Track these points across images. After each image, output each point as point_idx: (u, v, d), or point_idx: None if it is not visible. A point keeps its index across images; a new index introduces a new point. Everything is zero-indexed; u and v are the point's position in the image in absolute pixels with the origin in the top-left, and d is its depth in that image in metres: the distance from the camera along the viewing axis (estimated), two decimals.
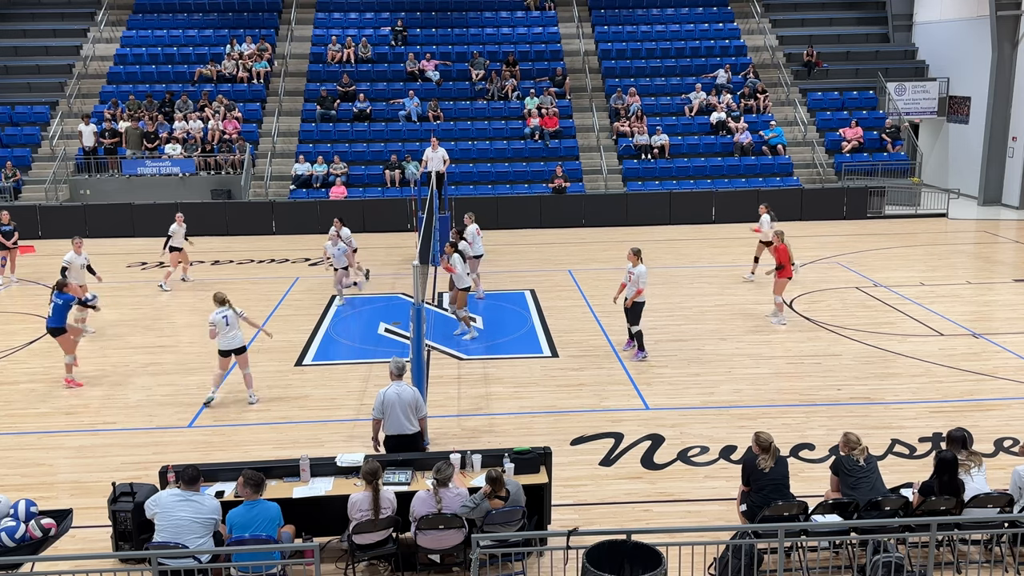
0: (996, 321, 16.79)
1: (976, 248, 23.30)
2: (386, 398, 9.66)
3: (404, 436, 9.71)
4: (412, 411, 9.71)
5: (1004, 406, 12.61)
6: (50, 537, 8.23)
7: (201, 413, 12.65)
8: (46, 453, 11.44)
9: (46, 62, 30.97)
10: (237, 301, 18.42)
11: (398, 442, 9.71)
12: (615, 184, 27.57)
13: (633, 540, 7.24)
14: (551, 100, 29.18)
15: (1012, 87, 27.92)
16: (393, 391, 9.70)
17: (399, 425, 9.68)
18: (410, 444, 9.73)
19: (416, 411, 9.75)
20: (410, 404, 9.69)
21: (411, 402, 9.70)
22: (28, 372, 14.43)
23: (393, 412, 9.65)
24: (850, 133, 28.70)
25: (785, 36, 32.87)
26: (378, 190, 26.84)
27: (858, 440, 8.85)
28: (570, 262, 21.56)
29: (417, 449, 9.79)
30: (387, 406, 9.65)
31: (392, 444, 9.76)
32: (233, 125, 28.04)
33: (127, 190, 26.43)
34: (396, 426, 9.69)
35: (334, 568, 8.64)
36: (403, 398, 9.67)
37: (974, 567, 8.52)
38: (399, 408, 9.64)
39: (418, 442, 9.85)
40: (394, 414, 9.66)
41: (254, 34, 31.64)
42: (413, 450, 9.68)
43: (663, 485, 10.40)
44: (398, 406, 9.64)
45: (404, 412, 9.65)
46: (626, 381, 13.68)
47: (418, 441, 9.86)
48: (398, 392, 9.69)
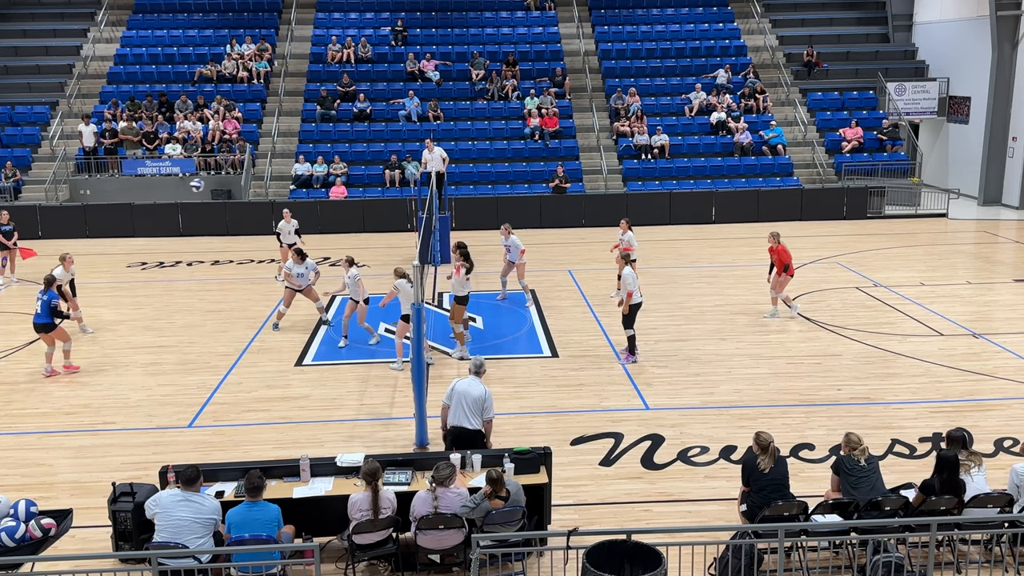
0: (996, 321, 16.79)
1: (976, 248, 23.30)
2: (456, 388, 10.02)
3: (463, 431, 9.94)
4: (477, 409, 9.97)
5: (1004, 406, 12.60)
6: (50, 537, 8.23)
7: (201, 413, 12.65)
8: (46, 453, 11.44)
9: (46, 62, 30.97)
10: (237, 301, 18.56)
11: (456, 435, 9.95)
12: (615, 184, 27.57)
13: (633, 540, 7.24)
14: (551, 100, 29.19)
15: (1012, 87, 27.92)
16: (465, 383, 10.04)
17: (459, 417, 9.96)
18: (469, 441, 9.90)
19: (483, 411, 10.00)
20: (476, 400, 9.96)
21: (478, 399, 9.97)
22: (28, 372, 14.43)
23: (458, 403, 9.96)
24: (850, 133, 28.70)
25: (785, 36, 32.87)
26: (378, 190, 26.84)
27: (859, 440, 8.85)
28: (570, 262, 21.55)
29: (477, 447, 9.86)
30: (454, 395, 9.99)
31: (451, 436, 9.99)
32: (233, 125, 28.04)
33: (127, 190, 26.43)
34: (456, 417, 9.97)
35: (334, 568, 8.64)
36: (471, 393, 9.96)
37: (974, 567, 8.51)
38: (464, 401, 9.93)
39: (478, 441, 9.99)
40: (458, 405, 9.95)
41: (254, 34, 31.64)
42: (472, 447, 9.76)
43: (663, 485, 10.40)
44: (464, 399, 9.93)
45: (468, 407, 9.95)
46: (626, 381, 13.68)
47: (478, 440, 10.00)
48: (468, 386, 9.99)
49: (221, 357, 14.98)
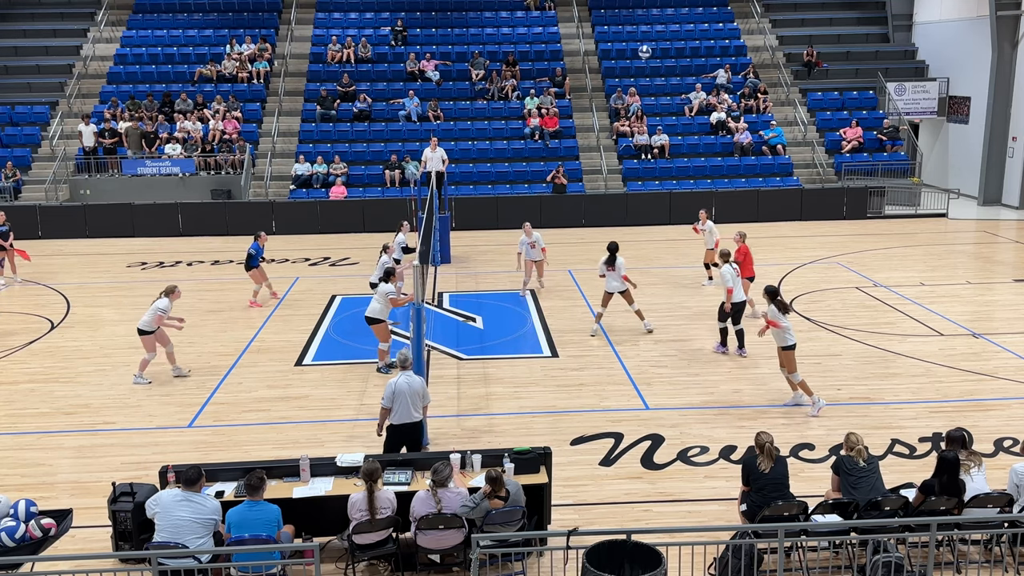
0: (996, 321, 16.79)
1: (976, 248, 23.29)
2: (397, 388, 9.95)
3: (412, 425, 10.01)
4: (420, 399, 10.06)
5: (1004, 406, 12.60)
6: (50, 537, 8.23)
7: (201, 413, 12.65)
8: (46, 453, 11.44)
9: (46, 62, 30.97)
10: (237, 301, 18.55)
11: (403, 430, 9.99)
12: (615, 184, 27.56)
13: (633, 540, 7.23)
14: (551, 100, 29.19)
15: (1012, 87, 27.92)
16: (404, 381, 9.99)
17: (407, 414, 9.98)
18: (413, 432, 10.03)
19: (423, 399, 10.11)
20: (418, 392, 10.03)
21: (419, 391, 10.05)
22: (28, 372, 14.43)
23: (403, 402, 9.94)
24: (850, 133, 28.70)
25: (785, 36, 32.86)
26: (378, 190, 26.83)
27: (858, 441, 8.85)
28: (570, 262, 21.55)
29: (419, 436, 10.11)
30: (397, 395, 9.93)
31: (398, 433, 10.01)
32: (233, 125, 28.03)
33: (127, 190, 26.43)
34: (404, 415, 9.97)
35: (334, 568, 8.65)
36: (413, 387, 10.00)
37: (974, 567, 8.51)
38: (408, 397, 9.94)
39: (421, 430, 10.14)
40: (404, 403, 9.95)
41: (254, 34, 31.63)
42: (416, 437, 10.02)
43: (663, 485, 10.40)
44: (408, 395, 9.94)
45: (413, 401, 9.98)
46: (626, 381, 13.68)
47: (421, 429, 10.14)
48: (408, 382, 9.99)
49: (221, 357, 14.98)
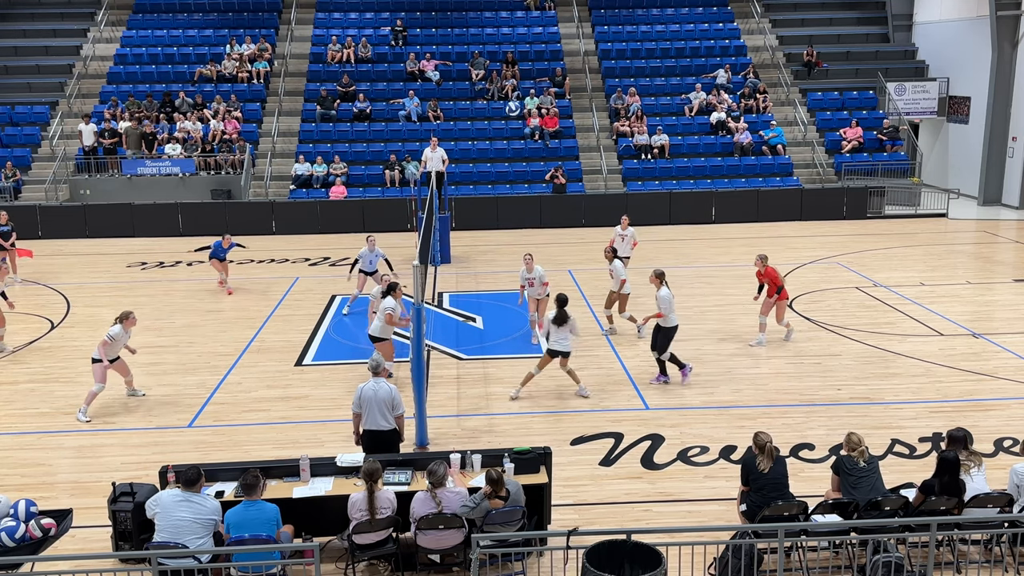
0: (996, 321, 16.79)
1: (976, 248, 23.29)
2: (363, 393, 9.83)
3: (378, 433, 9.81)
4: (388, 408, 9.82)
5: (1004, 406, 12.60)
6: (50, 537, 8.23)
7: (201, 413, 12.65)
8: (46, 453, 11.44)
9: (46, 62, 30.96)
10: (237, 301, 18.55)
11: (372, 438, 9.83)
12: (615, 184, 27.56)
13: (633, 540, 7.23)
14: (551, 100, 29.18)
15: (1012, 87, 27.92)
16: (370, 387, 9.85)
17: (374, 421, 9.82)
18: (385, 441, 9.81)
19: (392, 408, 9.85)
20: (385, 401, 9.80)
21: (386, 399, 9.81)
22: (28, 372, 14.42)
23: (369, 408, 9.80)
24: (850, 133, 28.70)
25: (785, 36, 32.86)
26: (378, 190, 26.83)
27: (859, 441, 8.84)
28: (570, 262, 21.54)
29: (393, 447, 9.86)
30: (364, 401, 9.82)
31: (367, 440, 9.87)
32: (233, 125, 28.03)
33: (127, 190, 26.43)
34: (371, 422, 9.83)
35: (334, 568, 8.64)
36: (379, 395, 9.80)
37: (974, 567, 8.51)
38: (375, 404, 9.78)
39: (394, 440, 9.92)
40: (370, 410, 9.81)
41: (254, 34, 31.63)
42: (388, 448, 9.76)
43: (663, 485, 10.40)
44: (374, 402, 9.79)
45: (380, 409, 9.79)
46: (626, 381, 13.68)
47: (394, 439, 9.92)
48: (375, 388, 9.83)
49: (221, 357, 14.98)
